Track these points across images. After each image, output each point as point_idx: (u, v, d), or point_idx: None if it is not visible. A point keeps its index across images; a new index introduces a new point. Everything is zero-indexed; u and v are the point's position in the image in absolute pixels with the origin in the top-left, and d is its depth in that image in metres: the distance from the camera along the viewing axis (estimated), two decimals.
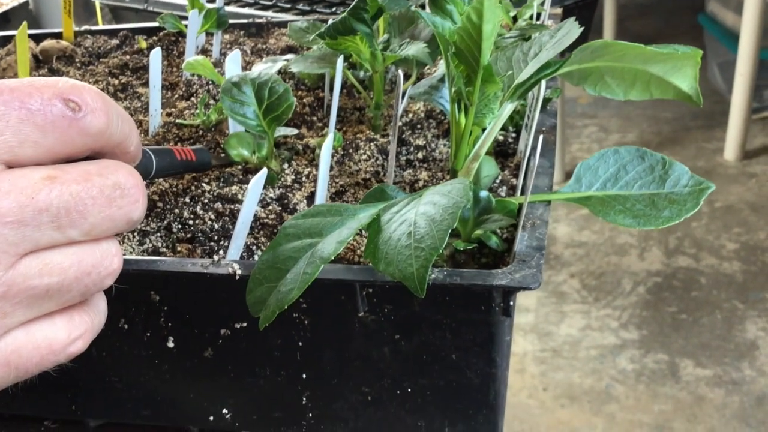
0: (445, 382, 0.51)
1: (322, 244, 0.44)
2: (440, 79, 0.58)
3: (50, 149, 0.31)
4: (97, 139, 0.32)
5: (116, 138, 0.33)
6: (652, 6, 3.63)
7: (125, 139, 0.34)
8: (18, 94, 0.30)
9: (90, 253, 0.32)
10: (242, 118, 0.60)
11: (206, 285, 0.50)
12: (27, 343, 0.32)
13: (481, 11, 0.45)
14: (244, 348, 0.52)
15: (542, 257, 0.47)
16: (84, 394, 0.57)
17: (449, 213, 0.42)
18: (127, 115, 0.35)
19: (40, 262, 0.31)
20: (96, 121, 0.31)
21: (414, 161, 0.65)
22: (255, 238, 0.56)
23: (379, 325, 0.49)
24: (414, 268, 0.41)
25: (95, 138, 0.32)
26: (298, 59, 0.71)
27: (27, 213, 0.29)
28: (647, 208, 0.51)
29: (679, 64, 0.53)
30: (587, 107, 2.76)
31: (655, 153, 0.54)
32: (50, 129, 0.30)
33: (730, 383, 1.62)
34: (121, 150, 0.34)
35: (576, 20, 0.56)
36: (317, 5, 1.38)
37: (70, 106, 0.31)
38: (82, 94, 0.31)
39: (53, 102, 0.30)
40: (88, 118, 0.31)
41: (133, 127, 0.35)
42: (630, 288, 1.92)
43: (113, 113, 0.33)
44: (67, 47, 0.96)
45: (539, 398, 1.63)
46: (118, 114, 0.33)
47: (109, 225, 0.32)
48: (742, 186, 2.27)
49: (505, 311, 0.47)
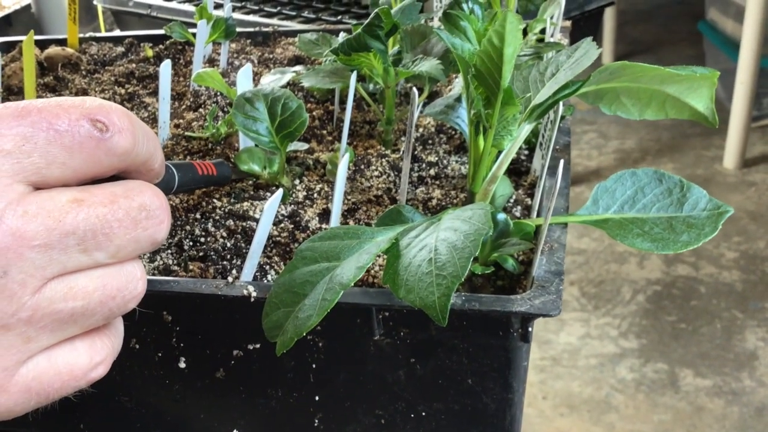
0: (460, 406, 0.50)
1: (340, 269, 0.44)
2: (456, 99, 0.58)
3: (77, 170, 0.31)
4: (123, 159, 0.32)
5: (142, 157, 0.33)
6: (651, 12, 3.63)
7: (150, 157, 0.34)
8: (46, 114, 0.30)
9: (115, 277, 0.32)
10: (255, 135, 0.59)
11: (220, 306, 0.50)
12: (48, 369, 0.32)
13: (503, 35, 0.45)
14: (257, 369, 0.52)
15: (561, 282, 0.46)
16: (93, 414, 0.56)
17: (471, 240, 0.41)
18: (152, 132, 0.34)
19: (66, 285, 0.30)
20: (123, 141, 0.31)
21: (426, 178, 0.65)
22: (268, 257, 0.56)
23: (395, 349, 0.49)
24: (435, 296, 0.40)
25: (122, 158, 0.32)
26: (310, 73, 0.70)
27: (54, 236, 0.29)
28: (665, 232, 0.51)
29: (695, 85, 0.53)
30: (586, 113, 2.76)
31: (673, 175, 0.54)
32: (78, 150, 0.30)
33: (730, 393, 1.62)
34: (146, 168, 0.34)
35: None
36: (322, 13, 1.38)
37: (98, 127, 0.31)
38: (109, 115, 0.31)
39: (81, 123, 0.30)
40: (115, 138, 0.31)
41: (158, 144, 0.35)
42: (629, 296, 1.91)
43: (139, 132, 0.32)
44: (72, 54, 0.95)
45: (538, 407, 1.63)
46: (144, 133, 0.33)
47: (134, 246, 0.32)
48: (741, 194, 2.27)
49: (524, 337, 0.47)
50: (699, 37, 2.79)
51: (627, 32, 3.35)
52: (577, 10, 1.35)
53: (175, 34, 0.90)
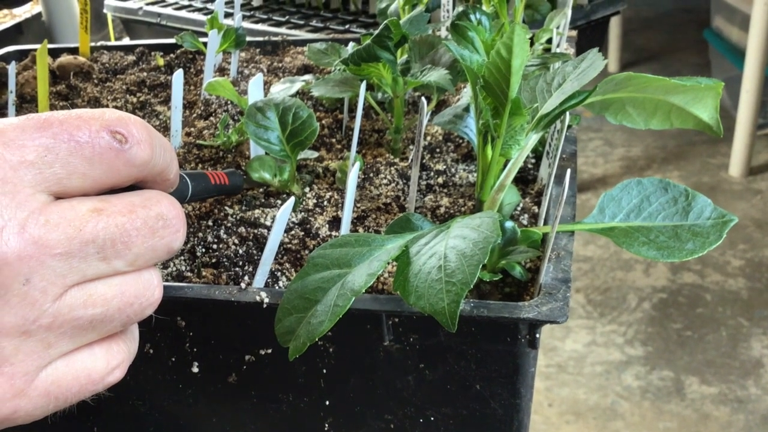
0: (468, 411, 0.51)
1: (351, 275, 0.45)
2: (465, 109, 0.59)
3: (97, 180, 0.32)
4: (141, 170, 0.33)
5: (159, 167, 0.34)
6: (657, 20, 3.64)
7: (167, 167, 0.35)
8: (67, 126, 0.31)
9: (133, 284, 0.33)
10: (266, 143, 0.60)
11: (232, 312, 0.51)
12: (67, 373, 0.33)
13: (511, 47, 0.46)
14: (268, 374, 0.53)
15: (569, 290, 0.47)
16: (108, 417, 0.57)
17: (480, 248, 0.42)
18: (168, 143, 0.35)
19: (85, 293, 0.31)
20: (141, 152, 0.32)
21: (434, 186, 0.66)
22: (279, 263, 0.57)
23: (404, 354, 0.50)
24: (445, 303, 0.41)
25: (140, 169, 0.33)
26: (319, 83, 0.71)
27: (75, 245, 0.30)
28: (671, 240, 0.52)
29: (700, 95, 0.54)
30: (592, 121, 2.77)
31: (678, 185, 0.55)
32: (98, 161, 0.31)
33: (735, 401, 1.62)
34: (162, 178, 0.35)
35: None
36: (330, 22, 1.39)
37: (117, 138, 0.31)
38: (128, 126, 0.32)
39: (101, 134, 0.31)
40: (134, 149, 0.32)
41: (174, 155, 0.36)
42: (635, 304, 1.92)
43: (157, 144, 0.33)
44: (84, 63, 0.96)
45: (544, 414, 1.63)
46: (161, 144, 0.34)
47: (151, 255, 0.33)
48: (746, 202, 2.27)
49: (531, 343, 0.47)
50: (705, 45, 2.80)
51: (633, 40, 3.36)
52: (583, 19, 1.37)
53: (186, 43, 0.92)
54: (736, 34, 2.54)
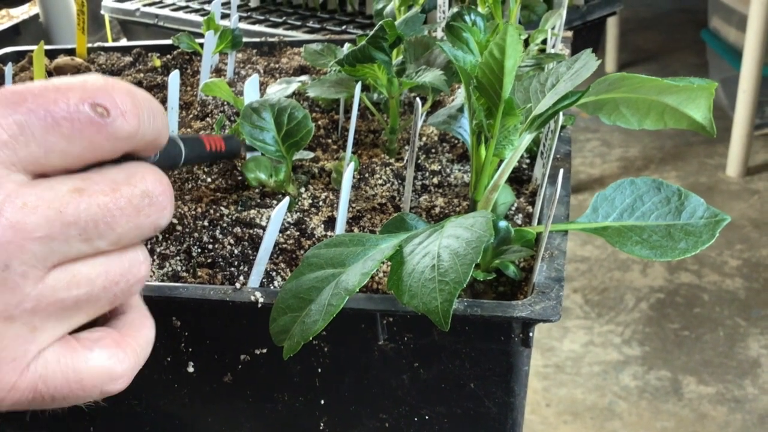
0: (462, 410, 0.51)
1: (345, 275, 0.45)
2: (459, 109, 0.59)
3: (78, 156, 0.29)
4: (128, 143, 0.31)
5: (149, 137, 0.32)
6: (654, 20, 3.65)
7: (158, 135, 0.32)
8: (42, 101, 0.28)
9: (117, 262, 0.31)
10: (262, 144, 0.60)
11: (228, 312, 0.51)
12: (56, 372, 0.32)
13: (504, 47, 0.46)
14: (264, 373, 0.53)
15: (562, 289, 0.47)
16: (103, 417, 0.57)
17: (473, 247, 0.42)
18: (159, 108, 0.32)
19: (68, 274, 0.30)
20: (126, 125, 0.30)
21: (429, 186, 0.66)
22: (274, 263, 0.57)
23: (399, 354, 0.50)
24: (438, 302, 0.41)
25: (126, 142, 0.30)
26: (315, 84, 0.71)
27: (55, 227, 0.28)
28: (663, 239, 0.52)
29: (693, 95, 0.54)
30: (589, 121, 2.77)
31: (671, 184, 0.55)
32: (78, 137, 0.29)
33: (733, 401, 1.63)
34: (153, 147, 0.33)
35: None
36: (327, 23, 1.39)
37: (98, 111, 0.29)
38: (112, 96, 0.29)
39: (80, 108, 0.29)
40: (117, 122, 0.29)
41: (165, 121, 0.33)
42: (633, 304, 1.92)
43: (144, 113, 0.31)
44: (81, 64, 0.97)
45: (542, 414, 1.64)
46: (150, 112, 0.31)
47: (136, 233, 0.31)
48: (744, 202, 2.28)
49: (525, 342, 0.48)
50: (702, 46, 2.80)
51: (630, 40, 3.36)
52: (579, 20, 1.37)
53: (183, 44, 0.92)
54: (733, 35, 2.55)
